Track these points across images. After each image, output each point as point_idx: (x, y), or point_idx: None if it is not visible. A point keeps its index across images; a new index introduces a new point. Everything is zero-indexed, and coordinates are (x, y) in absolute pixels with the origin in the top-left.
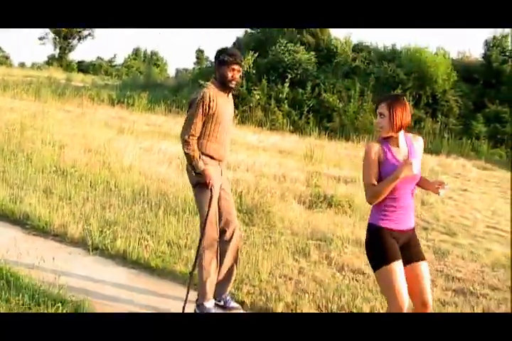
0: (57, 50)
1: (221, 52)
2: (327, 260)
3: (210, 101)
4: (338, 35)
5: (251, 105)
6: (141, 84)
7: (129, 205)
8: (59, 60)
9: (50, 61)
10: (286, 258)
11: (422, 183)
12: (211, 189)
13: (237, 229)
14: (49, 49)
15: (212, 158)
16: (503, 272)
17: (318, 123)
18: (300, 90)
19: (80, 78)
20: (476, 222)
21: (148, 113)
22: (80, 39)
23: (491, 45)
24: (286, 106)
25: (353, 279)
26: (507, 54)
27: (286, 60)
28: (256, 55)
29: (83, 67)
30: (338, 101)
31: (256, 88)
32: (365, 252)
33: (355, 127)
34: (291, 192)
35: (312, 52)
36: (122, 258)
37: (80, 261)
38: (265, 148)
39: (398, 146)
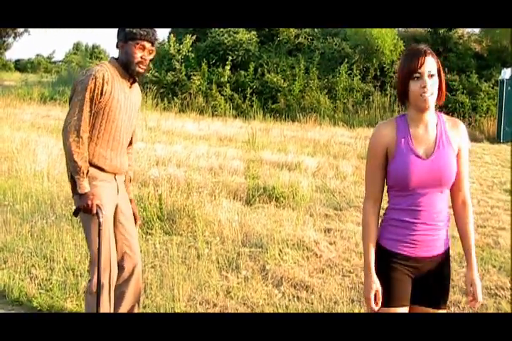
0: None
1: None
2: (262, 273)
3: (103, 84)
4: None
5: (191, 92)
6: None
7: (28, 222)
8: None
9: None
10: (211, 276)
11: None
12: (98, 215)
13: (138, 266)
14: None
15: (102, 170)
16: None
17: (262, 106)
18: (242, 72)
19: (16, 77)
20: None
21: None
22: (15, 37)
23: None
24: (228, 90)
25: (293, 297)
26: None
27: (226, 41)
28: (194, 38)
29: (20, 66)
30: (282, 80)
31: (196, 73)
32: (309, 258)
33: (302, 107)
34: (225, 187)
35: (253, 32)
36: (1, 297)
37: None
38: (205, 137)
39: (426, 129)
